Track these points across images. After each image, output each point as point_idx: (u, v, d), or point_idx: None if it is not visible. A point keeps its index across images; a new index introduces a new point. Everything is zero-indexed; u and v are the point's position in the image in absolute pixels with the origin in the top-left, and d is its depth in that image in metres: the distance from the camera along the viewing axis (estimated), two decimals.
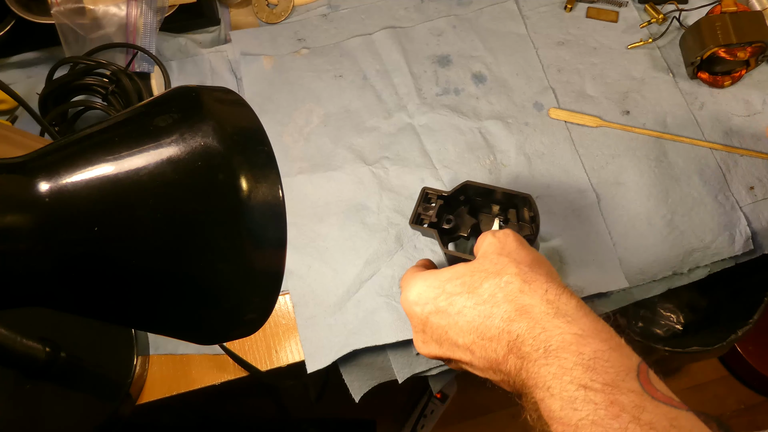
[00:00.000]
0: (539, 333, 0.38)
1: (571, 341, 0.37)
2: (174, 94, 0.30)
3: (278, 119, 0.71)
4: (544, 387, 0.36)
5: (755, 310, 1.02)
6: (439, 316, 0.45)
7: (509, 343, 0.40)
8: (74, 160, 0.27)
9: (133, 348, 0.59)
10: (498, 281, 0.43)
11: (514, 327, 0.40)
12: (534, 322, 0.39)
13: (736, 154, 0.68)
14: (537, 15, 0.76)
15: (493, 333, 0.41)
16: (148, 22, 0.70)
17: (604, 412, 0.33)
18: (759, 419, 1.42)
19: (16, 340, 0.52)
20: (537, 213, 0.56)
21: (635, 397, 0.34)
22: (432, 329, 0.46)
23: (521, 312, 0.40)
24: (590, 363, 0.36)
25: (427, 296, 0.46)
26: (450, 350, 0.45)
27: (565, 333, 0.38)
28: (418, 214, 0.58)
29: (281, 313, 0.64)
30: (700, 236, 0.64)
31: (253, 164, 0.28)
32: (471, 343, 0.42)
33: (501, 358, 0.40)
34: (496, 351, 0.41)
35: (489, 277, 0.43)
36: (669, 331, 1.21)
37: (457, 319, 0.43)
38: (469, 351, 0.43)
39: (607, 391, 0.34)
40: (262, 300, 0.31)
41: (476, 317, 0.42)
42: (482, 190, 0.58)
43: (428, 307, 0.46)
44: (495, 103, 0.71)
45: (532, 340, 0.38)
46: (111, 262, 0.27)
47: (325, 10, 0.77)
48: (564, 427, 0.34)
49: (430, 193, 0.58)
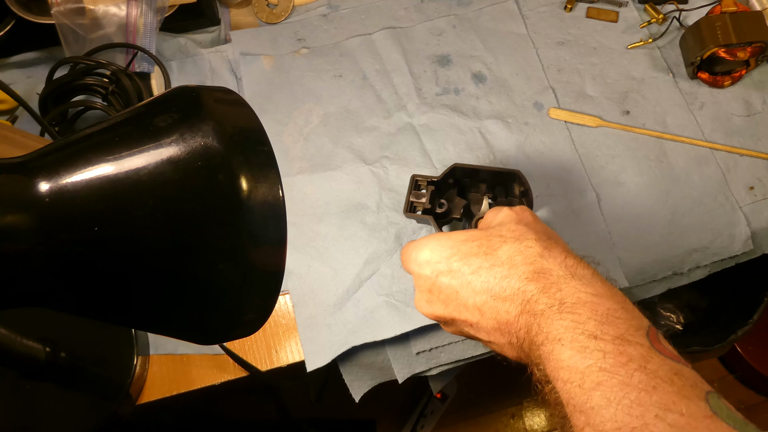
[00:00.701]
0: (555, 292, 0.39)
1: (586, 300, 0.38)
2: (174, 94, 0.30)
3: (278, 119, 0.71)
4: (555, 339, 0.37)
5: (755, 310, 1.02)
6: (451, 276, 0.45)
7: (523, 302, 0.40)
8: (74, 160, 0.27)
9: (133, 348, 0.59)
10: (518, 245, 0.43)
11: (531, 287, 0.40)
12: (551, 283, 0.40)
13: (736, 154, 0.68)
14: (537, 15, 0.76)
15: (509, 293, 0.41)
16: (148, 22, 0.70)
17: (612, 360, 0.34)
18: (759, 419, 1.42)
19: (16, 340, 0.52)
20: (528, 187, 0.56)
21: (643, 350, 0.35)
22: (440, 289, 0.46)
23: (540, 273, 0.41)
24: (603, 318, 0.37)
25: (441, 255, 0.46)
26: (457, 311, 0.45)
27: (580, 292, 0.39)
28: (411, 202, 0.58)
29: (281, 313, 0.64)
30: (700, 236, 0.64)
31: (253, 164, 0.28)
32: (482, 304, 0.43)
33: (512, 318, 0.41)
34: (509, 311, 0.41)
35: (508, 241, 0.44)
36: (669, 331, 1.21)
37: (470, 279, 0.43)
38: (478, 311, 0.43)
39: (617, 343, 0.35)
40: (262, 300, 0.31)
41: (492, 278, 0.43)
42: (470, 171, 0.58)
43: (440, 266, 0.45)
44: (495, 102, 0.71)
45: (548, 298, 0.39)
46: (111, 262, 0.27)
47: (325, 10, 0.77)
48: (571, 373, 0.35)
49: (420, 180, 0.59)
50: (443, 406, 1.37)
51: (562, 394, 0.36)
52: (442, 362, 0.62)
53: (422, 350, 0.61)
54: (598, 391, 0.33)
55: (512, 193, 0.59)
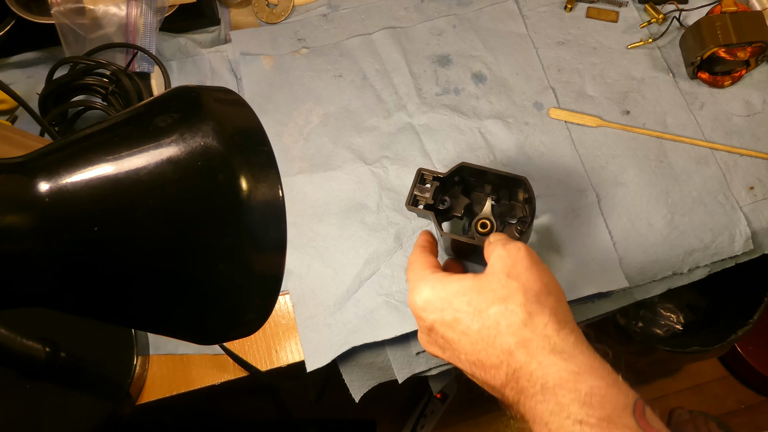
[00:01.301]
0: (535, 368, 0.40)
1: (568, 378, 0.38)
2: (174, 94, 0.30)
3: (278, 119, 0.71)
4: (542, 422, 0.38)
5: (755, 310, 1.02)
6: (445, 328, 0.45)
7: (507, 374, 0.41)
8: (74, 160, 0.27)
9: (133, 348, 0.59)
10: (504, 309, 0.43)
11: (513, 360, 0.41)
12: (531, 357, 0.40)
13: (736, 154, 0.68)
14: (537, 15, 0.76)
15: (493, 361, 0.42)
16: (148, 22, 0.70)
17: None
18: (759, 419, 1.42)
19: (16, 340, 0.52)
20: (533, 195, 0.56)
21: None
22: (437, 336, 0.46)
23: (521, 345, 0.41)
24: (586, 399, 0.37)
25: (434, 306, 0.46)
26: (452, 359, 0.46)
27: (561, 370, 0.39)
28: (414, 195, 0.58)
29: (281, 313, 0.64)
30: (700, 236, 0.64)
31: (253, 164, 0.28)
32: (472, 364, 0.44)
33: (499, 386, 0.42)
34: (495, 378, 0.42)
35: (496, 301, 0.43)
36: (669, 331, 1.21)
37: (461, 338, 0.44)
38: (470, 368, 0.44)
39: (603, 426, 0.36)
40: (262, 300, 0.31)
41: (479, 341, 0.43)
42: (477, 172, 0.57)
43: (434, 316, 0.46)
44: (495, 102, 0.71)
45: (529, 375, 0.40)
46: (111, 262, 0.27)
47: (325, 10, 0.77)
48: None
49: (426, 174, 0.58)
50: (443, 406, 1.37)
51: None
52: (442, 362, 0.62)
53: (422, 350, 0.61)
54: None
55: (516, 198, 0.59)
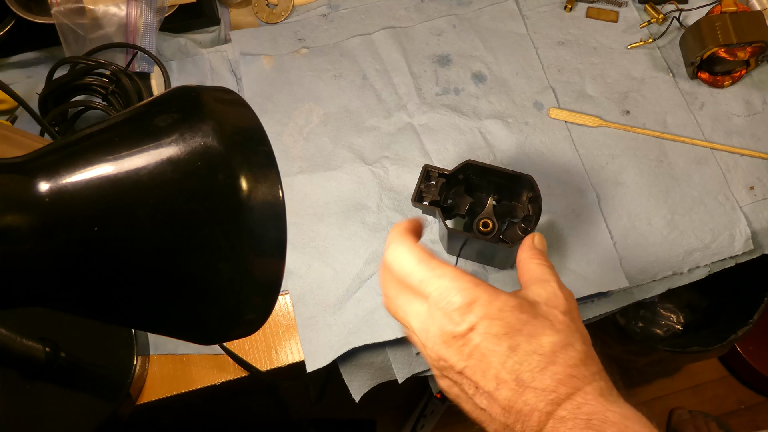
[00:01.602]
0: (583, 404, 0.37)
1: (615, 420, 0.36)
2: (174, 94, 0.30)
3: (278, 119, 0.71)
4: None
5: (755, 310, 1.02)
6: (488, 338, 0.40)
7: (547, 402, 0.38)
8: (74, 160, 0.27)
9: (133, 348, 0.59)
10: (563, 341, 0.40)
11: (561, 390, 0.38)
12: (582, 392, 0.38)
13: (736, 154, 0.68)
14: (537, 15, 0.76)
15: (536, 386, 0.39)
16: (148, 22, 0.70)
17: None
18: (759, 419, 1.42)
19: (16, 340, 0.52)
20: (539, 193, 0.56)
21: None
22: (470, 341, 0.41)
23: (574, 377, 0.39)
24: None
25: (487, 310, 0.41)
26: (472, 369, 0.41)
27: (609, 411, 0.37)
28: (420, 191, 0.57)
29: (281, 313, 0.64)
30: (700, 236, 0.64)
31: (253, 164, 0.28)
32: (504, 380, 0.40)
33: (527, 410, 0.38)
34: (526, 402, 0.39)
35: (555, 333, 0.40)
36: (669, 331, 1.21)
37: (506, 352, 0.40)
38: (495, 382, 0.40)
39: None
40: (262, 300, 0.30)
41: (526, 363, 0.39)
42: (482, 170, 0.57)
43: (483, 324, 0.40)
44: (495, 102, 0.71)
45: (574, 407, 0.37)
46: (111, 262, 0.27)
47: (325, 10, 0.77)
48: None
49: (432, 170, 0.58)
50: (443, 406, 1.37)
51: None
52: None
53: None
54: None
55: (518, 198, 0.59)
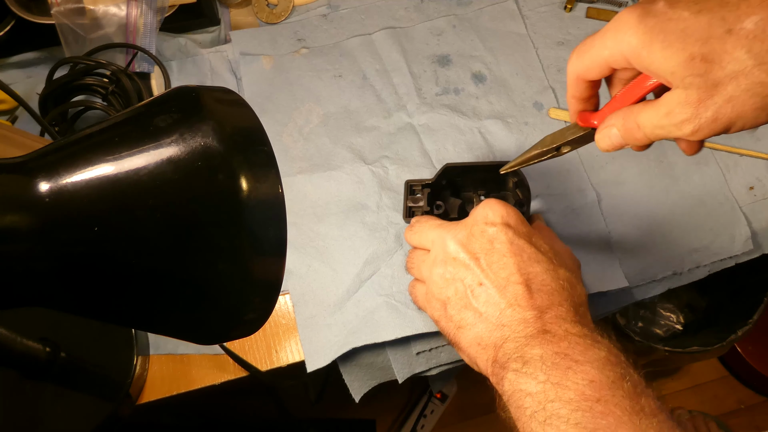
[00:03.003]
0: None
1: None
2: (174, 94, 0.30)
3: (278, 119, 0.71)
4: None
5: (755, 310, 1.02)
6: (521, 237, 0.48)
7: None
8: (74, 160, 0.27)
9: (133, 348, 0.59)
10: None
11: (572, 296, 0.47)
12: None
13: (736, 154, 0.68)
14: (537, 15, 0.76)
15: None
16: (148, 22, 0.70)
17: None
18: (759, 419, 1.42)
19: (16, 340, 0.52)
20: (522, 176, 0.56)
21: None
22: (494, 244, 0.48)
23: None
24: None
25: (517, 219, 0.50)
26: (487, 269, 0.47)
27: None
28: (409, 207, 0.58)
29: (281, 313, 0.64)
30: (700, 236, 0.64)
31: (253, 164, 0.28)
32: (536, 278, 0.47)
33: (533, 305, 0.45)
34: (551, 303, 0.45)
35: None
36: (669, 331, 1.21)
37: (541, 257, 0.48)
38: (520, 283, 0.46)
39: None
40: (262, 300, 0.30)
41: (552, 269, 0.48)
42: (462, 169, 0.58)
43: (515, 224, 0.49)
44: (495, 102, 0.71)
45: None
46: (111, 262, 0.27)
47: (325, 10, 0.77)
48: (593, 391, 0.38)
49: (414, 184, 0.59)
50: (443, 406, 1.37)
51: (561, 402, 0.38)
52: (442, 362, 0.62)
53: (422, 350, 0.61)
54: (605, 420, 0.36)
55: (506, 187, 0.59)
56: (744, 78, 0.33)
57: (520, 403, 0.40)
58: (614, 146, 0.42)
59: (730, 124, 0.35)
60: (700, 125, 0.35)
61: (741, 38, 0.33)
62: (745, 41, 0.33)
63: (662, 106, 0.37)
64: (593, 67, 0.40)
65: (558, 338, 0.41)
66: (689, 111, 0.35)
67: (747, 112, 0.34)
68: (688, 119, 0.35)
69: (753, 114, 0.34)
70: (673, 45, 0.34)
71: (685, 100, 0.35)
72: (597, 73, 0.41)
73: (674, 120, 0.36)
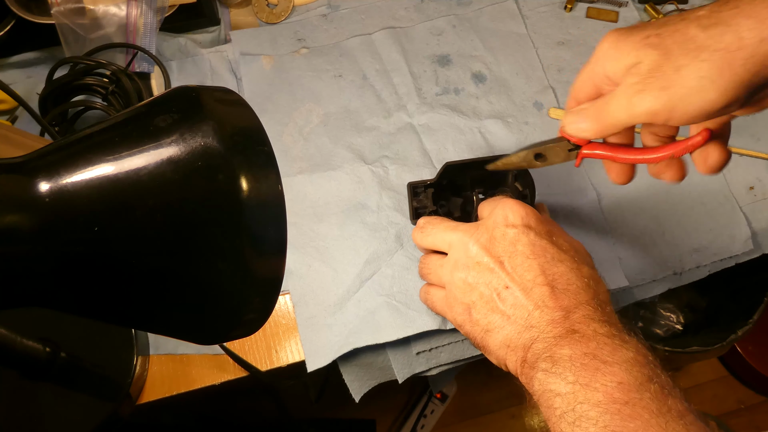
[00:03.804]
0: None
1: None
2: (174, 94, 0.30)
3: (278, 119, 0.71)
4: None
5: (755, 310, 1.02)
6: (536, 234, 0.49)
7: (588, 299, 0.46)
8: (74, 160, 0.27)
9: (133, 348, 0.59)
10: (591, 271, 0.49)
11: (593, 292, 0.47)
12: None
13: (736, 154, 0.68)
14: (537, 15, 0.76)
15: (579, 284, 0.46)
16: (148, 22, 0.70)
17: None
18: (759, 419, 1.42)
19: (16, 340, 0.52)
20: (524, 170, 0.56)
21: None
22: (519, 243, 0.48)
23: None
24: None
25: (535, 218, 0.50)
26: (511, 265, 0.48)
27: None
28: (416, 208, 0.58)
29: (281, 313, 0.64)
30: (700, 236, 0.64)
31: (253, 164, 0.28)
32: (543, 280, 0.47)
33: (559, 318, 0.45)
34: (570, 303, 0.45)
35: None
36: (669, 331, 1.21)
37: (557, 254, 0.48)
38: (542, 276, 0.47)
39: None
40: (262, 300, 0.30)
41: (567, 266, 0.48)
42: (462, 166, 0.58)
43: (534, 223, 0.50)
44: (495, 102, 0.71)
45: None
46: (111, 262, 0.27)
47: (325, 10, 0.77)
48: (622, 394, 0.38)
49: (417, 186, 0.59)
50: (443, 406, 1.38)
51: (589, 404, 0.38)
52: (442, 362, 0.62)
53: (422, 350, 0.61)
54: (633, 423, 0.37)
55: (505, 182, 0.59)
56: (693, 45, 0.36)
57: (550, 403, 0.40)
58: (580, 129, 0.45)
59: (676, 96, 0.37)
60: (651, 96, 0.38)
61: (692, 20, 0.37)
62: (695, 20, 0.36)
63: (616, 92, 0.40)
64: (582, 86, 0.45)
65: (587, 338, 0.41)
66: (640, 83, 0.38)
67: (692, 79, 0.36)
68: (639, 91, 0.38)
69: (698, 82, 0.36)
70: (635, 34, 0.39)
71: (636, 72, 0.38)
72: (586, 93, 0.45)
73: (627, 95, 0.39)
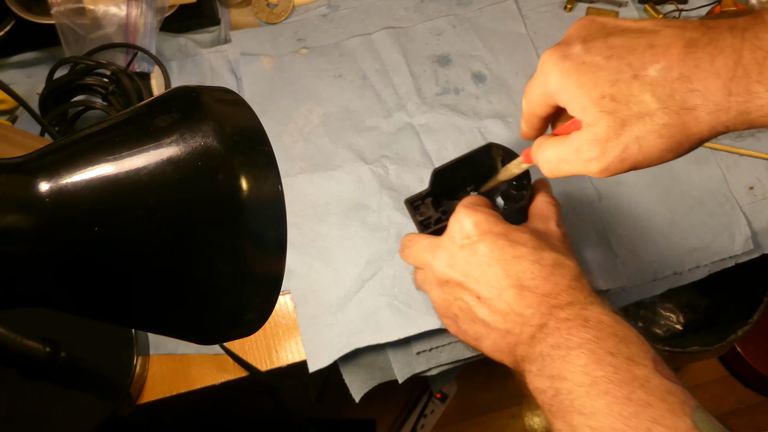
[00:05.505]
0: (580, 309, 0.43)
1: (609, 323, 0.42)
2: (174, 94, 0.30)
3: (278, 119, 0.71)
4: (575, 345, 0.40)
5: (755, 310, 1.02)
6: (492, 247, 0.48)
7: (549, 306, 0.44)
8: (74, 160, 0.27)
9: (133, 348, 0.59)
10: (561, 258, 0.48)
11: (561, 299, 0.45)
12: (578, 301, 0.45)
13: (736, 154, 0.68)
14: (537, 15, 0.76)
15: (540, 291, 0.45)
16: (148, 22, 0.70)
17: (620, 376, 0.38)
18: (759, 419, 1.42)
19: (16, 340, 0.52)
20: (510, 151, 0.55)
21: (646, 371, 0.38)
22: (475, 250, 0.48)
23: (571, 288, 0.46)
24: (619, 339, 0.40)
25: (496, 224, 0.49)
26: (477, 279, 0.48)
27: (603, 315, 0.42)
28: (420, 222, 0.58)
29: (281, 313, 0.64)
30: (700, 236, 0.64)
31: (253, 164, 0.28)
32: (508, 286, 0.46)
33: (528, 314, 0.44)
34: (529, 306, 0.45)
35: (555, 250, 0.48)
36: (669, 331, 1.21)
37: (510, 260, 0.47)
38: (499, 289, 0.46)
39: (627, 362, 0.39)
40: (263, 300, 0.30)
41: (529, 271, 0.46)
42: (450, 168, 0.58)
43: (499, 230, 0.49)
44: (495, 102, 0.71)
45: (573, 311, 0.43)
46: (111, 262, 0.27)
47: (325, 10, 0.77)
48: (582, 377, 0.38)
49: (414, 200, 0.59)
50: (443, 406, 1.38)
51: (564, 394, 0.39)
52: (442, 362, 0.62)
53: (422, 350, 0.61)
54: (603, 399, 0.37)
55: (495, 171, 0.59)
56: (650, 119, 0.36)
57: (540, 401, 0.42)
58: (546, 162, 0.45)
59: (637, 164, 0.38)
60: (608, 164, 0.38)
61: (645, 84, 0.36)
62: (648, 87, 0.36)
63: (571, 143, 0.39)
64: (535, 105, 0.43)
65: (551, 330, 0.42)
66: (597, 149, 0.38)
67: (653, 152, 0.38)
68: (596, 157, 0.38)
69: (659, 154, 0.38)
70: (586, 84, 0.37)
71: (594, 137, 0.38)
72: (541, 110, 0.43)
73: (582, 157, 0.39)
